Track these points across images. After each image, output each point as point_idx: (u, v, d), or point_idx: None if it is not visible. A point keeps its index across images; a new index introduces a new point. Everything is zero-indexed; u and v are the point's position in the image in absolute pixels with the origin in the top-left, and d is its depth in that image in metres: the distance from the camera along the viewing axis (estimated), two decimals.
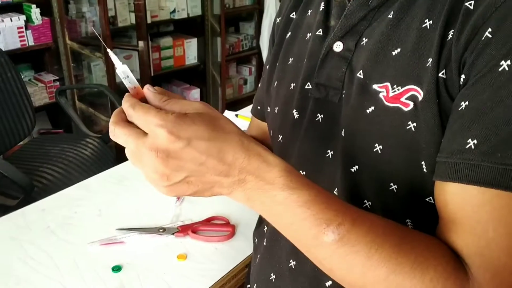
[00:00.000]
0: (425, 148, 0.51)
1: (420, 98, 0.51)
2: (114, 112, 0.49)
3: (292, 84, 0.69)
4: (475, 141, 0.45)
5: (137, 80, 2.56)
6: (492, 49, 0.45)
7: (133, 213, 1.11)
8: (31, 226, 1.07)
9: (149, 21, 2.96)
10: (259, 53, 3.69)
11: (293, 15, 0.74)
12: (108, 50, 0.53)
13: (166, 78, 3.55)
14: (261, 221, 0.83)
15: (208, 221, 1.07)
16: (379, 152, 0.55)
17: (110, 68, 2.52)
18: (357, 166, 0.58)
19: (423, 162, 0.52)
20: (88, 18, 2.91)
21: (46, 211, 1.13)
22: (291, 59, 0.71)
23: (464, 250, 0.46)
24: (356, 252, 0.46)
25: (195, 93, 3.52)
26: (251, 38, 3.77)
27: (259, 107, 0.85)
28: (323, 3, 0.67)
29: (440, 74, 0.49)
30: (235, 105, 3.37)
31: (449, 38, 0.49)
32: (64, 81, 2.88)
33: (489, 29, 0.45)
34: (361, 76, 0.57)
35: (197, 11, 3.30)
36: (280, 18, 0.77)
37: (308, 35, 0.69)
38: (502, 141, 0.44)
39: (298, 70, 0.68)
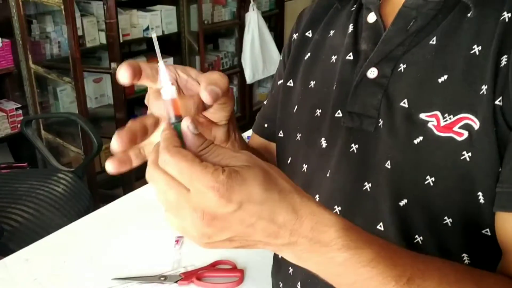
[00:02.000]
0: (482, 179, 0.54)
1: (476, 127, 0.54)
2: (154, 148, 0.47)
3: (317, 110, 0.71)
4: None
5: (110, 105, 2.53)
6: None
7: (128, 260, 1.12)
8: (16, 279, 1.06)
9: (120, 40, 2.98)
10: (241, 72, 3.75)
11: (309, 33, 0.77)
12: (160, 63, 0.49)
13: (139, 102, 3.56)
14: (280, 264, 0.83)
15: (213, 266, 1.09)
16: (431, 184, 0.57)
17: (80, 93, 2.52)
18: (405, 200, 0.60)
19: (479, 193, 0.55)
20: (53, 39, 2.92)
21: (30, 261, 1.12)
22: (312, 82, 0.74)
23: None
24: None
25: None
26: (232, 56, 3.82)
27: (266, 125, 0.86)
28: (351, 25, 0.69)
29: (496, 102, 0.53)
30: None
31: (503, 65, 0.53)
32: (28, 109, 2.87)
33: None
34: (406, 105, 0.60)
35: (173, 28, 3.35)
36: (296, 35, 0.79)
37: (333, 57, 0.71)
38: None
39: (325, 95, 0.71)
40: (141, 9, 3.23)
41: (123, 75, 0.51)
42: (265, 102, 0.90)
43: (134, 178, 2.97)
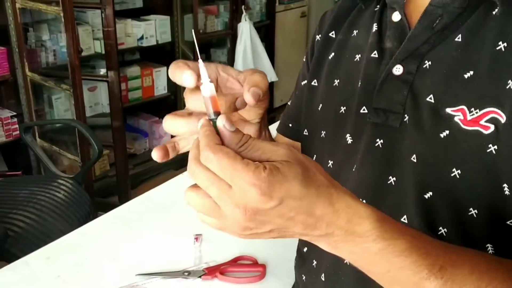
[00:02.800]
0: (507, 171, 0.57)
1: (502, 120, 0.57)
2: (194, 144, 0.48)
3: (342, 107, 0.74)
4: None
5: (104, 114, 2.55)
6: None
7: (150, 257, 1.14)
8: (39, 276, 1.08)
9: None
10: None
11: (333, 34, 0.80)
12: (200, 60, 0.52)
13: (132, 111, 3.58)
14: (304, 257, 0.85)
15: (235, 262, 1.11)
16: (458, 177, 0.60)
17: (79, 101, 2.53)
18: (431, 193, 0.62)
19: (505, 185, 0.57)
20: (48, 47, 2.93)
21: (52, 259, 1.13)
22: (336, 81, 0.76)
23: None
24: None
25: None
26: None
27: (291, 125, 0.89)
28: (375, 24, 0.72)
29: None
30: None
31: None
32: (23, 117, 2.86)
33: None
34: (432, 101, 0.62)
35: (167, 38, 3.37)
36: (319, 36, 0.82)
37: (357, 56, 0.74)
38: None
39: (349, 93, 0.73)
40: (135, 18, 3.26)
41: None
42: (289, 103, 0.92)
43: (130, 186, 2.98)
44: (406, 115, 0.65)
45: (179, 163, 3.53)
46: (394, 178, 0.67)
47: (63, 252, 1.16)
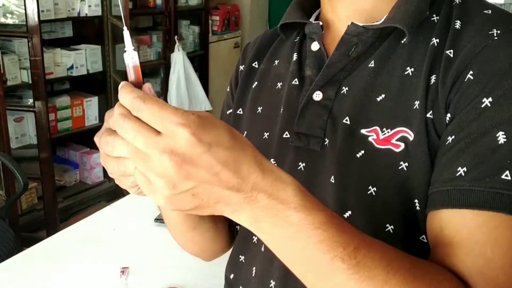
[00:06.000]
0: (417, 186, 0.61)
1: (411, 138, 0.62)
2: (119, 104, 0.48)
3: (265, 133, 0.77)
4: (464, 169, 0.56)
5: (32, 145, 2.49)
6: (474, 89, 0.58)
7: None
8: None
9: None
10: None
11: (255, 64, 0.84)
12: (125, 29, 0.52)
13: (62, 142, 3.48)
14: (232, 285, 0.85)
15: None
16: (374, 194, 0.64)
17: (3, 132, 2.44)
18: (350, 212, 0.66)
19: (416, 200, 0.62)
20: None
21: None
22: (260, 108, 0.79)
23: (465, 271, 0.55)
24: (373, 277, 0.50)
25: (97, 157, 3.47)
26: (157, 95, 3.79)
27: None
28: (295, 53, 0.77)
29: (428, 115, 0.61)
30: None
31: (432, 82, 0.62)
32: None
33: (471, 72, 0.59)
34: (348, 122, 0.67)
35: (98, 67, 3.33)
36: (243, 66, 0.86)
37: (279, 84, 0.78)
38: (490, 167, 0.55)
39: (272, 119, 0.76)
40: (65, 47, 3.20)
41: None
42: None
43: (59, 220, 2.88)
44: (326, 139, 0.69)
45: (111, 195, 3.46)
46: None
47: None
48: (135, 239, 1.29)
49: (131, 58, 0.51)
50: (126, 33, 0.52)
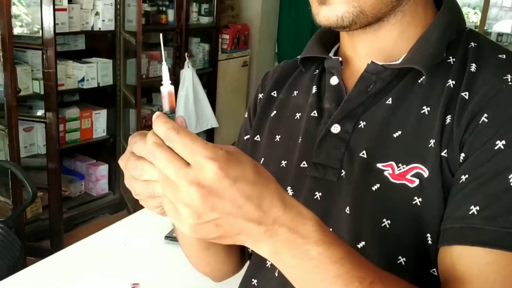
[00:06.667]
0: (430, 221, 0.64)
1: (425, 175, 0.64)
2: (153, 133, 0.50)
3: (283, 161, 0.79)
4: (477, 208, 0.59)
5: (39, 155, 2.51)
6: (488, 131, 0.61)
7: None
8: None
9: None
10: None
11: (274, 93, 0.87)
12: (164, 64, 0.56)
13: (69, 153, 3.51)
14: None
15: None
16: (387, 226, 0.66)
17: (14, 142, 2.47)
18: (363, 242, 0.68)
19: (428, 234, 0.64)
20: None
21: None
22: (278, 137, 0.82)
23: None
24: None
25: (103, 169, 3.51)
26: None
27: None
28: (315, 86, 0.80)
29: (442, 153, 0.64)
30: None
31: (447, 122, 0.65)
32: None
33: (485, 115, 0.62)
34: (365, 156, 0.70)
35: (108, 81, 3.37)
36: (262, 95, 0.89)
37: (298, 114, 0.81)
38: (502, 207, 0.58)
39: (290, 148, 0.79)
40: (77, 60, 3.25)
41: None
42: None
43: (63, 230, 2.89)
44: (343, 170, 0.71)
45: (114, 208, 3.48)
46: (331, 229, 0.71)
47: None
48: (146, 256, 1.31)
49: (167, 90, 0.55)
50: (164, 67, 0.56)
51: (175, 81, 3.78)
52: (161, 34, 0.57)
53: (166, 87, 0.55)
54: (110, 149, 3.51)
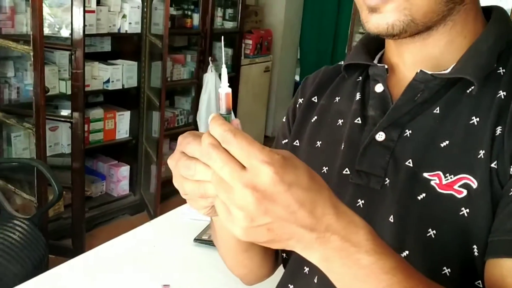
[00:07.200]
0: (477, 233, 0.63)
1: (474, 186, 0.64)
2: (209, 134, 0.50)
3: (324, 167, 0.79)
4: None
5: (63, 155, 2.53)
6: None
7: None
8: None
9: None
10: (196, 129, 3.83)
11: (315, 99, 0.86)
12: (223, 67, 0.55)
13: (91, 153, 3.54)
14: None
15: None
16: (433, 236, 0.66)
17: (41, 140, 2.50)
18: (407, 252, 0.68)
19: (474, 246, 0.64)
20: (12, 84, 2.90)
21: None
22: (319, 142, 0.82)
23: None
24: None
25: (124, 170, 3.53)
26: (187, 114, 3.92)
27: None
28: (358, 93, 0.79)
29: (492, 165, 0.63)
30: (171, 184, 3.41)
31: (498, 134, 0.64)
32: None
33: None
34: (411, 165, 0.69)
35: (133, 83, 3.40)
36: (302, 100, 0.88)
37: (340, 121, 0.80)
38: None
39: (332, 154, 0.79)
40: (102, 62, 3.29)
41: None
42: None
43: (85, 230, 2.92)
44: (387, 179, 0.71)
45: (134, 209, 3.50)
46: None
47: None
48: (175, 257, 1.32)
49: (225, 91, 0.55)
50: (224, 70, 0.56)
51: (198, 84, 3.81)
52: (222, 37, 0.58)
53: (224, 88, 0.55)
54: (132, 150, 3.53)
